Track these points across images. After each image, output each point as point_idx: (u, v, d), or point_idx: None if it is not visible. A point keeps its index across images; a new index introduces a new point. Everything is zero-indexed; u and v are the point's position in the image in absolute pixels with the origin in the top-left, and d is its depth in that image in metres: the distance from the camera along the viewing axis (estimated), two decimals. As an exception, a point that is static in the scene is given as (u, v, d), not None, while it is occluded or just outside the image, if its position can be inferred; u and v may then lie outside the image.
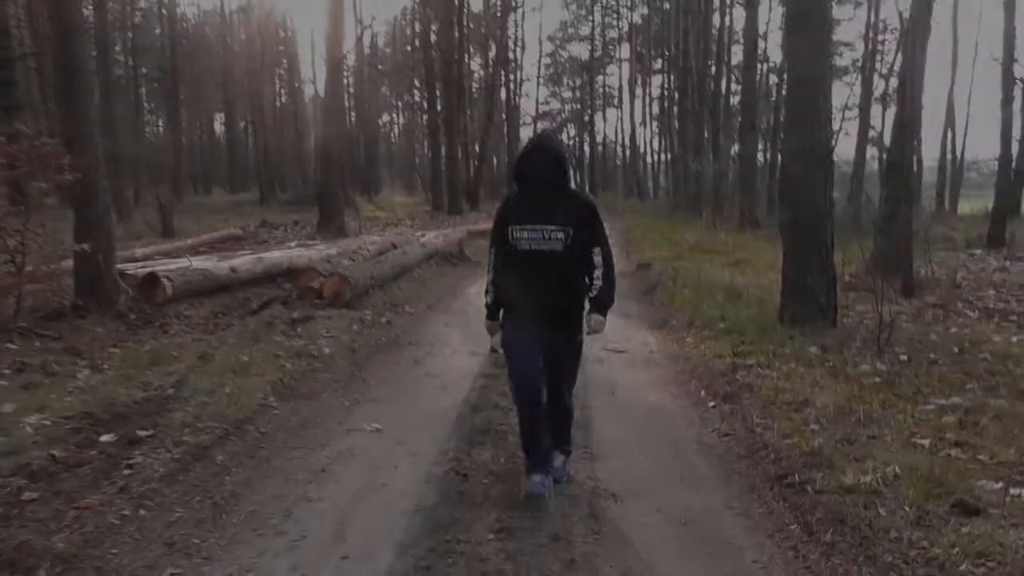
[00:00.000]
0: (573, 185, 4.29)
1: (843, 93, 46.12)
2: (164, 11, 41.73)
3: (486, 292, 4.03)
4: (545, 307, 3.73)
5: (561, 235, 3.66)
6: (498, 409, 5.23)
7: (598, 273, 3.78)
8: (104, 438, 4.51)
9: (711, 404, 5.43)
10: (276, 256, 11.35)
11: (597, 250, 3.78)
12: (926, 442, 4.25)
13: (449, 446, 4.65)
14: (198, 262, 10.12)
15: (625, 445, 4.70)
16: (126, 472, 4.04)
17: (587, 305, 3.84)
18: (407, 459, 4.46)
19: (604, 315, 3.83)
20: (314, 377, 6.17)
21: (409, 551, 3.32)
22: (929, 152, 32.21)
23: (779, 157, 20.10)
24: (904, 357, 6.14)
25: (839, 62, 45.26)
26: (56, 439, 4.42)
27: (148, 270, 8.95)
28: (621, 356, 6.89)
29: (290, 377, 6.00)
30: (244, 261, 10.52)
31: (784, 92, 7.72)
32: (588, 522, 3.62)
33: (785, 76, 7.78)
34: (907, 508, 3.42)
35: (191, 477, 4.08)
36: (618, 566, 3.21)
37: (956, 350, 6.44)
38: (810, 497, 3.70)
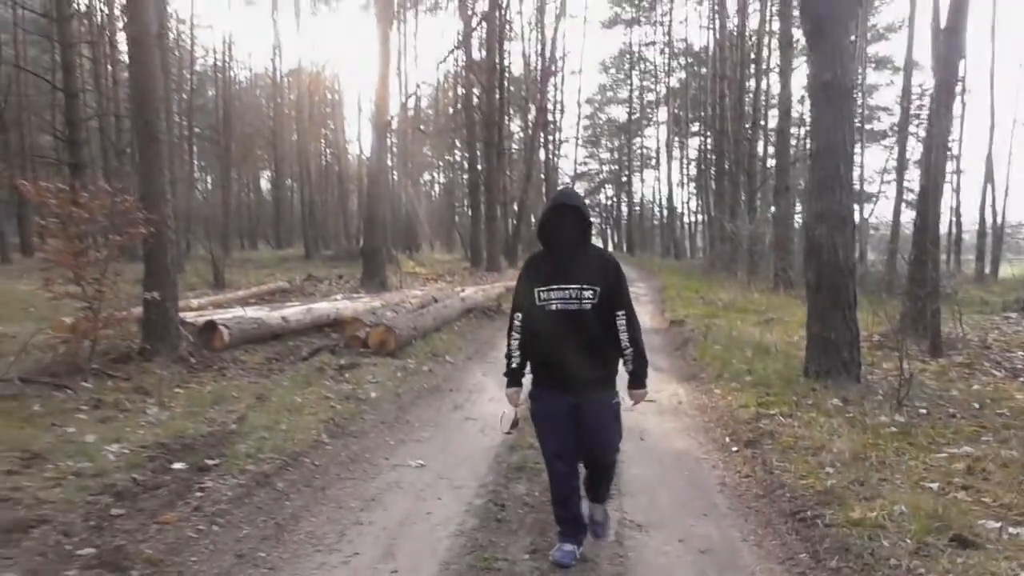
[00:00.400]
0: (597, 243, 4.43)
1: (881, 157, 46.26)
2: (218, 74, 43.79)
3: (508, 357, 3.88)
4: (576, 369, 3.64)
5: (589, 293, 3.61)
6: (533, 449, 5.56)
7: (625, 339, 3.72)
8: (176, 465, 5.00)
9: (734, 449, 5.75)
10: (324, 307, 11.93)
11: (622, 314, 3.70)
12: (934, 485, 4.54)
13: (488, 480, 5.06)
14: (252, 312, 10.73)
15: (651, 484, 5.04)
16: (198, 494, 4.51)
17: (620, 369, 3.80)
18: (449, 491, 4.85)
19: (644, 386, 3.81)
20: (362, 418, 6.62)
21: (452, 567, 3.72)
22: (970, 216, 32.34)
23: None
24: (923, 410, 6.40)
25: (877, 126, 45.78)
26: (135, 465, 4.92)
27: (207, 318, 9.55)
28: (651, 405, 7.19)
29: (340, 417, 6.47)
30: (294, 311, 11.10)
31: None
32: (614, 548, 3.97)
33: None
34: (908, 540, 3.73)
35: (255, 501, 4.54)
36: (640, 584, 3.57)
37: (976, 406, 6.68)
38: (820, 530, 4.03)
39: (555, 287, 3.64)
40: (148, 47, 8.68)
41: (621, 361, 3.78)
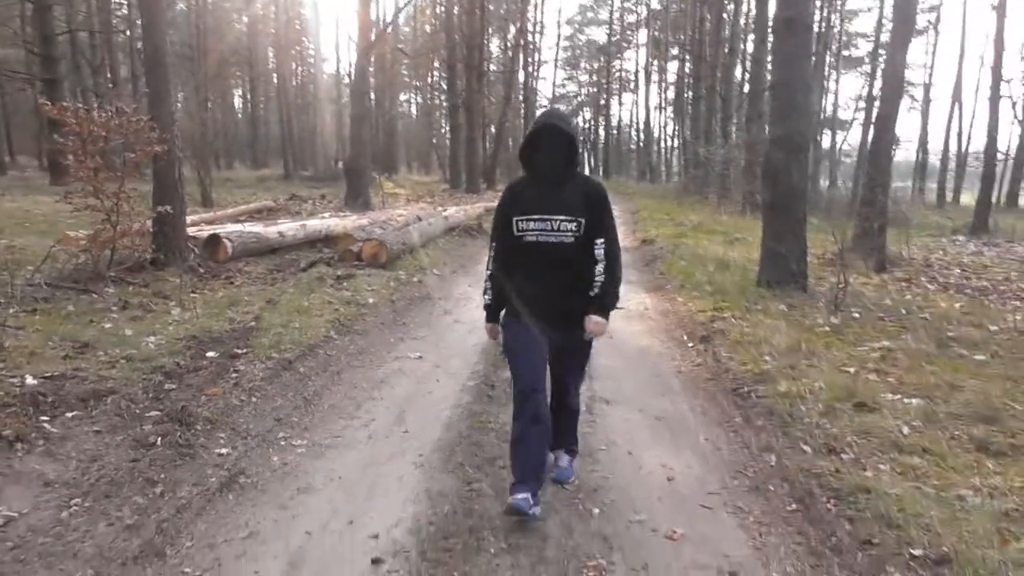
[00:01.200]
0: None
1: (858, 84, 46.85)
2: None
3: (484, 291, 3.69)
4: (553, 304, 3.43)
5: (572, 225, 3.35)
6: (517, 344, 6.45)
7: (600, 268, 3.41)
8: (210, 354, 5.79)
9: (690, 345, 6.66)
10: (316, 224, 12.62)
11: (600, 242, 3.41)
12: (851, 369, 5.46)
13: (478, 369, 5.91)
14: (249, 227, 11.39)
15: (617, 372, 5.92)
16: (234, 375, 5.32)
17: None
18: (445, 376, 5.71)
19: (606, 316, 3.48)
20: (363, 319, 7.43)
21: (454, 428, 4.58)
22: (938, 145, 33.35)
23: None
24: (856, 315, 7.33)
25: (855, 53, 46.21)
26: (174, 352, 5.70)
27: (210, 232, 10.22)
28: (619, 312, 8.05)
29: (344, 318, 7.27)
30: (289, 227, 11.79)
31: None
32: (585, 416, 4.82)
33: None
34: (820, 405, 4.65)
35: (283, 380, 5.36)
36: (605, 440, 4.47)
37: (904, 312, 7.62)
38: (752, 400, 4.97)
39: (535, 217, 3.39)
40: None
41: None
